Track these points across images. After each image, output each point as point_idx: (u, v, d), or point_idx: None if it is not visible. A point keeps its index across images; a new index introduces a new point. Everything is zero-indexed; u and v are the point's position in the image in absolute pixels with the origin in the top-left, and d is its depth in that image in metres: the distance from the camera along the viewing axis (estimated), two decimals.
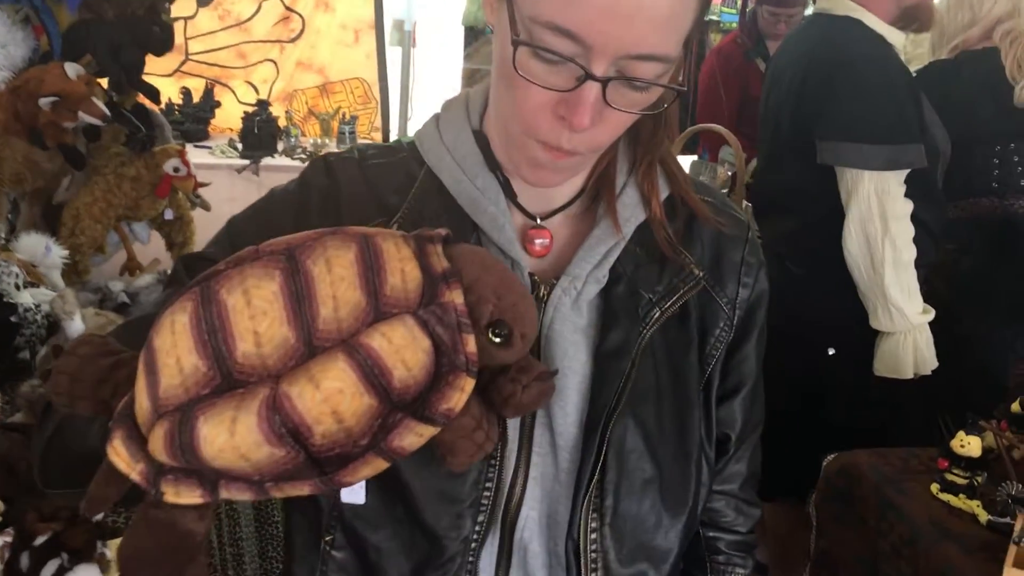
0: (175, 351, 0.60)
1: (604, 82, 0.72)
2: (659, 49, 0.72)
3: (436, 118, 0.93)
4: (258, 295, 0.60)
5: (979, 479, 1.62)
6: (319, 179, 0.91)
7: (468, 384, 0.63)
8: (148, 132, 2.41)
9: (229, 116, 4.39)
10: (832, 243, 2.11)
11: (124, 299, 2.07)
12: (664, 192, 0.91)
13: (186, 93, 4.36)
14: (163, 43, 2.37)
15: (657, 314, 0.88)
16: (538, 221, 0.90)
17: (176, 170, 2.39)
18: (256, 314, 0.60)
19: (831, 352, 2.21)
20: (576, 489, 0.86)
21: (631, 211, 0.89)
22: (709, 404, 0.94)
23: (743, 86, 3.45)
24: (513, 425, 0.85)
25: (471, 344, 0.63)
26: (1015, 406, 1.72)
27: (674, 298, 0.89)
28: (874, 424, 2.20)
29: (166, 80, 4.34)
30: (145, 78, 2.41)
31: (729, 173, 2.76)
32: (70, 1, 2.23)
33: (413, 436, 0.61)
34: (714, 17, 4.82)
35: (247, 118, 4.06)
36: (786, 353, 2.22)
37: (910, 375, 2.09)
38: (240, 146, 3.99)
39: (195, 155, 3.76)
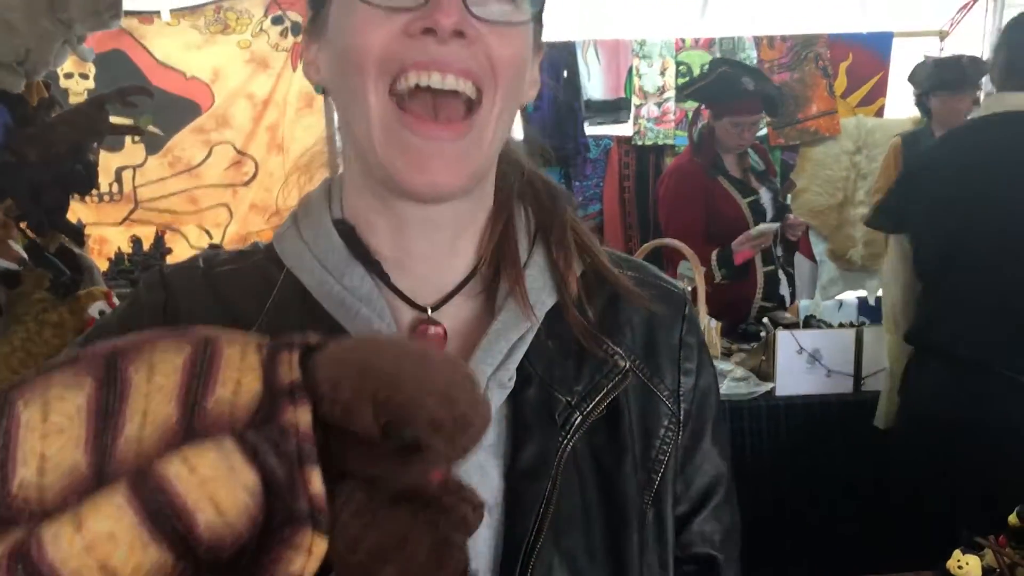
0: None
1: None
2: None
3: (294, 214, 0.80)
4: (58, 409, 0.47)
5: None
6: (152, 295, 0.77)
7: (318, 544, 0.46)
8: (74, 276, 2.28)
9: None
10: None
11: None
12: (578, 268, 0.78)
13: (136, 241, 4.26)
14: (87, 182, 2.26)
15: (578, 419, 0.73)
16: (429, 313, 0.75)
17: (102, 313, 2.25)
18: (50, 432, 0.46)
19: None
20: None
21: (537, 294, 0.75)
22: (663, 522, 0.78)
23: (708, 202, 3.41)
24: None
25: (316, 482, 0.46)
26: (1012, 519, 1.56)
27: (597, 398, 0.74)
28: None
29: (116, 229, 4.28)
30: (94, 229, 2.31)
31: (689, 288, 2.67)
32: None
33: None
34: (669, 142, 4.83)
35: None
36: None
37: None
38: None
39: None
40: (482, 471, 0.71)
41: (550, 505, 0.70)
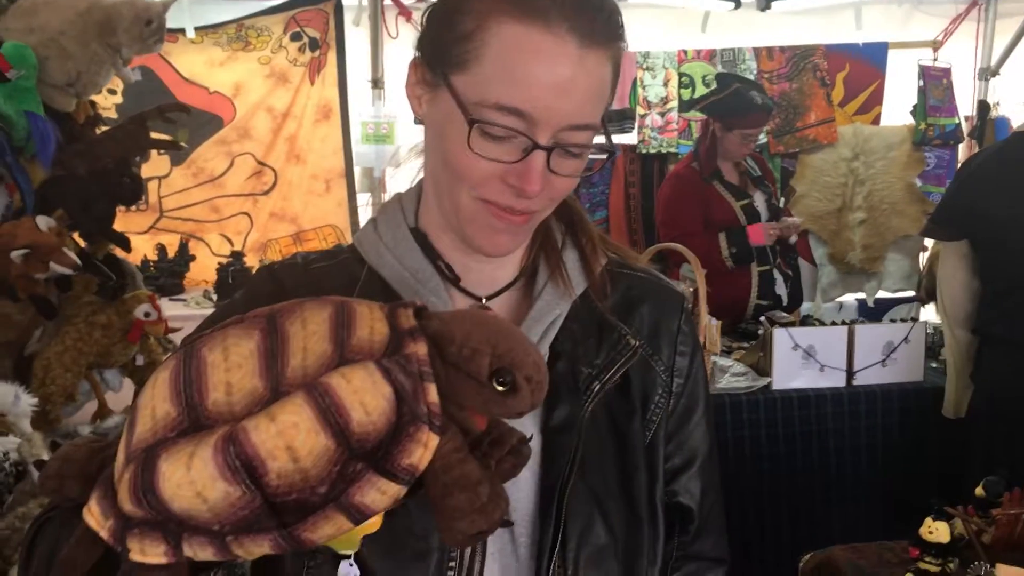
0: (152, 402, 0.63)
1: (549, 151, 0.79)
2: (591, 118, 0.81)
3: (373, 221, 0.97)
4: (236, 351, 0.63)
5: (951, 565, 1.61)
6: (266, 286, 0.94)
7: (432, 440, 0.62)
8: (119, 280, 2.45)
9: (204, 268, 4.47)
10: None
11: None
12: (602, 260, 0.96)
13: (161, 249, 4.45)
14: (134, 194, 2.44)
15: (597, 387, 0.91)
16: (484, 301, 0.93)
17: (147, 315, 2.42)
18: (232, 367, 0.62)
19: None
20: (538, 561, 0.87)
21: (573, 275, 0.94)
22: (654, 467, 0.96)
23: (705, 205, 3.62)
24: None
25: (432, 394, 0.63)
26: (979, 490, 1.73)
27: (612, 370, 0.92)
28: None
29: (141, 237, 4.44)
30: None
31: (690, 289, 2.83)
32: (43, 159, 2.31)
33: (375, 492, 0.61)
34: (672, 150, 4.99)
35: (222, 269, 4.13)
36: None
37: None
38: (215, 296, 4.05)
39: (170, 308, 3.80)
40: (522, 425, 0.88)
41: (577, 453, 0.88)
